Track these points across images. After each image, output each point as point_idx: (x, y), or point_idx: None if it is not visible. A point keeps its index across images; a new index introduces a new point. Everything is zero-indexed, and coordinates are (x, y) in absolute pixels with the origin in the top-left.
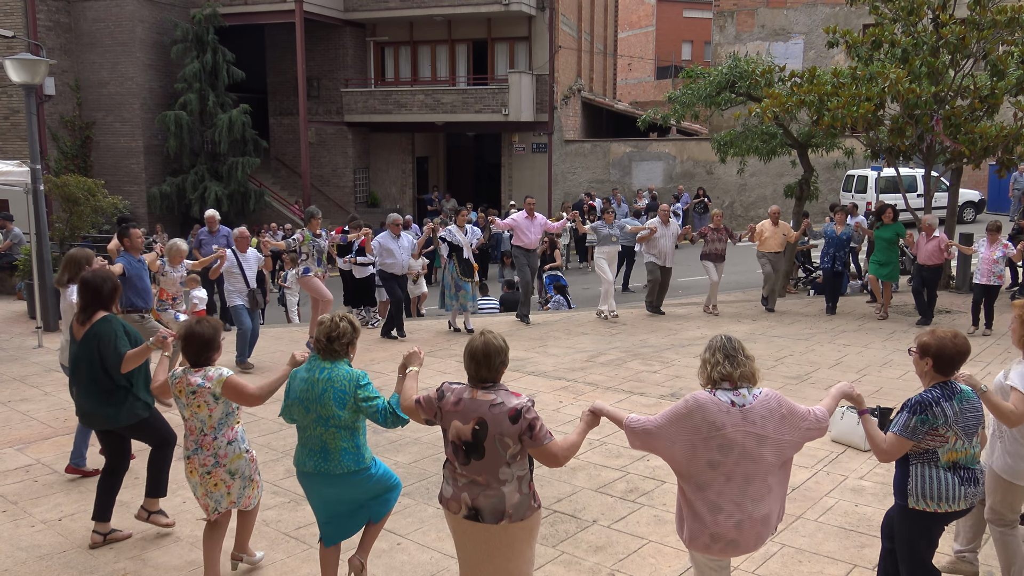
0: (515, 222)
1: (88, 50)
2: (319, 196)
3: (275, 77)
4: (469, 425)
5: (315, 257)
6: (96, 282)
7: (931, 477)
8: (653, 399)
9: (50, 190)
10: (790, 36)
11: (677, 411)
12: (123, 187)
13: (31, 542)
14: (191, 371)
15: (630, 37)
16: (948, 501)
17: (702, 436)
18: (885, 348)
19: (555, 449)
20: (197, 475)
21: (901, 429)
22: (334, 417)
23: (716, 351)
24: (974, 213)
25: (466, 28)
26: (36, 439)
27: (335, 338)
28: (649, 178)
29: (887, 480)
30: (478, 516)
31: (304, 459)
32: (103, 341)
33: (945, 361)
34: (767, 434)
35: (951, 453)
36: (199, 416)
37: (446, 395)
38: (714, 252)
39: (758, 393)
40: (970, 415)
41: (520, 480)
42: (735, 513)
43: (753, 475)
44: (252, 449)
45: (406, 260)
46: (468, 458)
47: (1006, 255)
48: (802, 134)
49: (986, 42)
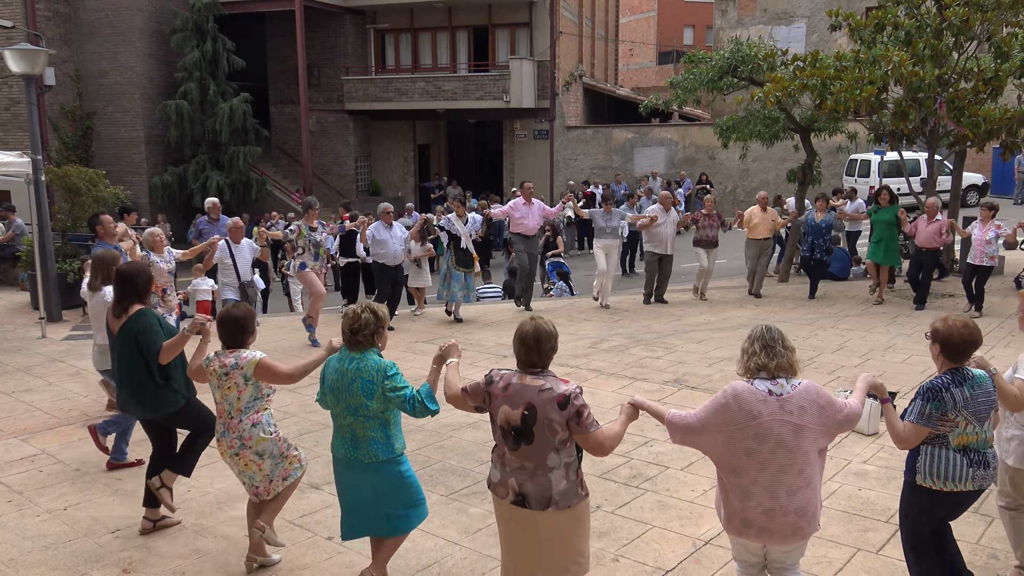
0: (513, 208)
1: (88, 40)
2: (321, 185)
3: (275, 66)
4: (518, 410)
5: (311, 251)
6: (130, 274)
7: (940, 457)
8: (656, 385)
9: (51, 181)
10: (792, 20)
11: (716, 402)
12: (124, 177)
13: (37, 532)
14: (224, 353)
15: (631, 22)
16: (954, 481)
17: (739, 425)
18: (888, 332)
19: (601, 438)
20: (228, 456)
21: (917, 417)
22: (363, 407)
23: (754, 341)
24: (978, 196)
25: (466, 14)
26: (41, 429)
27: (358, 330)
28: (651, 164)
29: (891, 464)
30: (525, 502)
31: (336, 446)
32: (141, 335)
33: (953, 348)
34: (805, 424)
35: (962, 437)
36: (228, 398)
37: (495, 380)
38: (706, 238)
39: (797, 383)
40: (982, 400)
41: (568, 467)
42: (765, 501)
43: (788, 466)
44: (278, 431)
45: (398, 250)
46: (517, 443)
47: (999, 235)
48: (805, 118)
49: (990, 24)
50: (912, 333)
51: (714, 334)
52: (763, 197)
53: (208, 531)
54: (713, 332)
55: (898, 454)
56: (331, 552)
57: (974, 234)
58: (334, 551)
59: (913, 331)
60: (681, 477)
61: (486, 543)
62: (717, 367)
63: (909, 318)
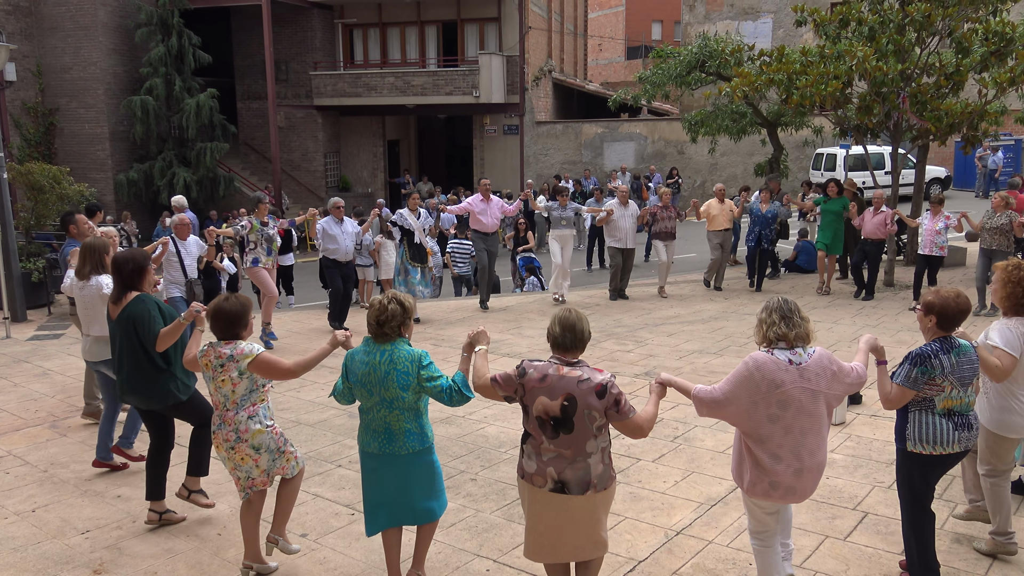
0: (470, 205)
1: (50, 34)
2: (290, 181)
3: (242, 61)
4: (558, 401)
5: (264, 247)
6: (119, 261)
7: (927, 423)
8: (627, 378)
9: (14, 178)
10: (759, 15)
11: (739, 374)
12: (89, 174)
13: (4, 534)
14: (220, 344)
15: (600, 17)
16: (943, 444)
17: (762, 393)
18: (855, 324)
19: (640, 421)
20: (224, 450)
21: (904, 380)
22: (399, 399)
23: (772, 311)
24: (940, 189)
25: (435, 9)
26: (6, 431)
27: (384, 321)
28: (621, 158)
29: (857, 453)
30: (564, 488)
31: (368, 440)
32: (138, 321)
33: (948, 318)
34: (820, 389)
35: (947, 401)
36: (223, 391)
37: (528, 372)
38: (664, 231)
39: (812, 352)
40: (966, 367)
41: (603, 452)
42: (794, 463)
43: (809, 428)
44: (275, 423)
45: (349, 246)
46: (557, 432)
47: (947, 226)
48: (771, 113)
49: (951, 20)
50: (877, 324)
51: (684, 327)
52: (720, 189)
53: (180, 530)
54: (683, 325)
55: (864, 444)
56: (305, 549)
57: (924, 225)
58: (308, 548)
59: (878, 322)
60: (653, 469)
61: (460, 537)
62: (688, 359)
63: (875, 309)
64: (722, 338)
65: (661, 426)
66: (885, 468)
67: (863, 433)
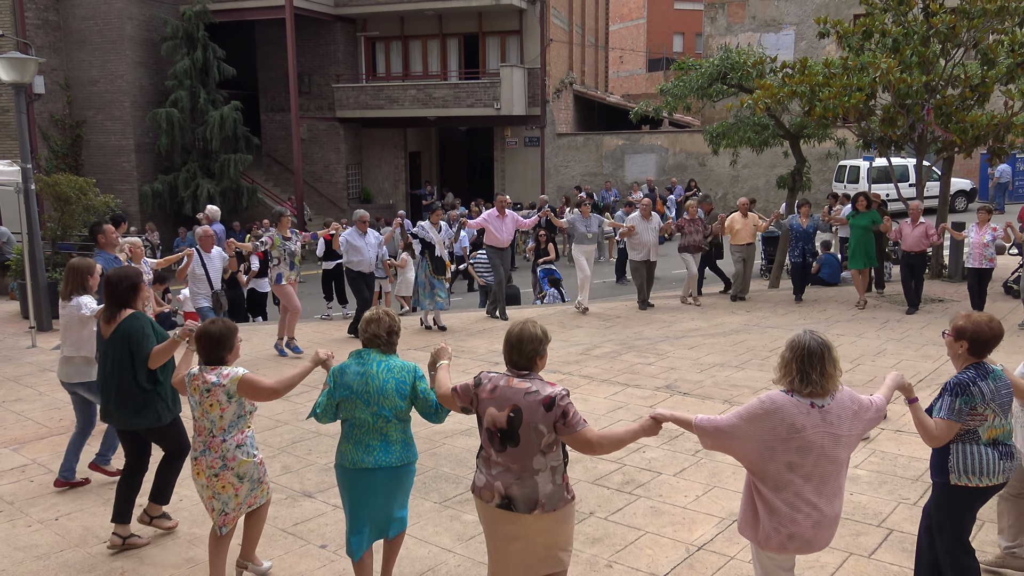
0: (486, 220)
1: (77, 48)
2: (312, 192)
3: (266, 73)
4: (504, 412)
5: (287, 261)
6: (112, 280)
7: (973, 453)
8: (648, 391)
9: (41, 189)
10: (781, 27)
11: (753, 411)
12: (114, 185)
13: (28, 542)
14: (207, 369)
15: (621, 30)
16: (989, 475)
17: (781, 438)
18: (879, 337)
19: (590, 435)
20: (204, 477)
21: (948, 413)
22: (397, 408)
23: (804, 360)
24: (966, 202)
25: (457, 22)
26: (31, 439)
27: (394, 332)
28: (642, 171)
29: (882, 469)
30: (511, 505)
31: (360, 455)
32: (133, 338)
33: (980, 344)
34: (842, 433)
35: (991, 431)
36: (210, 416)
37: (483, 382)
38: (691, 244)
39: (834, 393)
40: (1004, 392)
41: (554, 471)
42: (813, 513)
43: (829, 475)
44: (260, 454)
45: (372, 257)
46: (504, 445)
47: (995, 239)
48: (794, 125)
49: (976, 31)
50: (902, 338)
51: (706, 340)
52: (743, 203)
53: (201, 540)
54: (705, 338)
55: (889, 459)
56: (324, 560)
57: (971, 238)
58: (327, 559)
59: (903, 336)
60: (674, 483)
61: (480, 550)
62: (708, 373)
63: (899, 323)
64: (744, 351)
65: (682, 439)
66: (910, 484)
67: (888, 448)
